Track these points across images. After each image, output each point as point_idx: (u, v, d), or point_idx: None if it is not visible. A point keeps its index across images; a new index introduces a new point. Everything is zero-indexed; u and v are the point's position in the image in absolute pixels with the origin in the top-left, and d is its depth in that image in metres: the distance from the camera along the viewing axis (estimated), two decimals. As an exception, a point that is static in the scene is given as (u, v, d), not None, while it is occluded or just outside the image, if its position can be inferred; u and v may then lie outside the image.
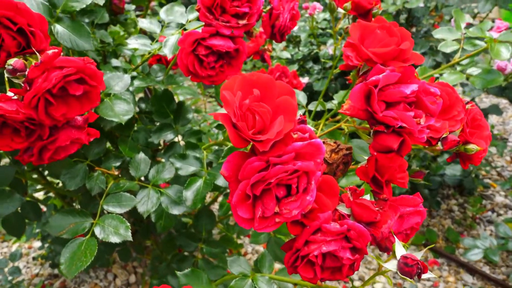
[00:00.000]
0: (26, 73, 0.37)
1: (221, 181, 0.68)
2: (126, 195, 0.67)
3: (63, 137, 0.41)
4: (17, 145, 0.39)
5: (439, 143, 0.50)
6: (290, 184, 0.35)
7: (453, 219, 1.75)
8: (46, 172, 0.88)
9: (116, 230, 0.63)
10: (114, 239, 0.62)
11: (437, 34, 0.83)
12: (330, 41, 1.56)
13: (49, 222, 0.63)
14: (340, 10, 0.73)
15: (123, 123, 0.63)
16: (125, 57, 1.01)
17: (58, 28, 0.54)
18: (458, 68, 0.80)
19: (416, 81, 0.40)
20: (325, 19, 1.55)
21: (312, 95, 1.79)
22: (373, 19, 0.76)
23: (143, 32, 1.00)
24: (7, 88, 0.41)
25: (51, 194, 1.18)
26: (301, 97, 0.93)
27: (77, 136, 0.42)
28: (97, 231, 0.62)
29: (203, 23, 0.69)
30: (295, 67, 1.41)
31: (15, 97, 0.39)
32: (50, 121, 0.39)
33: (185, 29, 0.73)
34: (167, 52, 0.64)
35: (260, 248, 1.68)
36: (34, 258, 1.72)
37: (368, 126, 0.47)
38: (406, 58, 0.40)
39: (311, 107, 0.93)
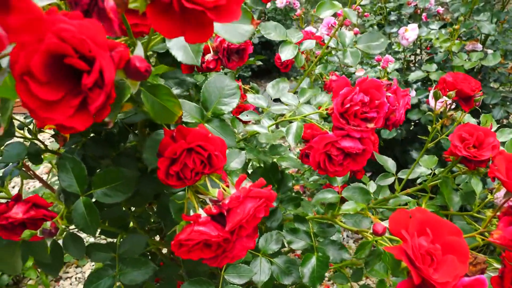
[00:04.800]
0: (225, 201, 0.44)
1: (331, 257, 0.73)
2: (245, 266, 0.73)
3: (239, 248, 0.48)
4: (205, 255, 0.46)
5: None
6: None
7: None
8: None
9: (237, 301, 0.69)
10: (237, 309, 0.68)
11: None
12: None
13: (180, 290, 0.70)
14: (444, 98, 0.78)
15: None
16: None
17: (208, 127, 0.61)
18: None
19: None
20: (395, 70, 1.59)
21: (375, 138, 1.82)
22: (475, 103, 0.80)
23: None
24: (194, 204, 0.49)
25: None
26: (390, 164, 0.97)
27: (249, 244, 0.48)
28: (222, 301, 0.69)
29: (317, 109, 0.75)
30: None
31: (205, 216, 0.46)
32: (235, 238, 0.45)
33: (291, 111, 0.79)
34: (290, 141, 0.70)
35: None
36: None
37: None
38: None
39: (401, 174, 0.96)
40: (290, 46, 0.88)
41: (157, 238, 1.07)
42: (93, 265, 1.95)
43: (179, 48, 0.43)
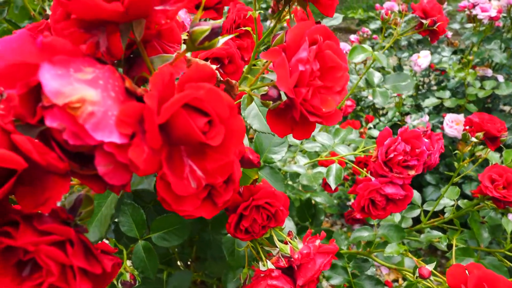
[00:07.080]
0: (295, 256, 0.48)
1: (369, 292, 0.77)
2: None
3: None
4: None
5: None
6: None
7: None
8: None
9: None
10: None
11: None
12: (413, 115, 1.65)
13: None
14: (472, 139, 0.82)
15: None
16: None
17: (260, 175, 0.65)
18: None
19: None
20: (409, 96, 1.64)
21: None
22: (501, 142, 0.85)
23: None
24: (262, 256, 0.52)
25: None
26: (416, 196, 1.01)
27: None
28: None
29: (351, 150, 0.80)
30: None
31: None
32: None
33: (325, 149, 0.84)
34: (331, 182, 0.74)
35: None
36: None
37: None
38: None
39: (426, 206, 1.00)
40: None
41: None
42: None
43: (253, 117, 0.47)
